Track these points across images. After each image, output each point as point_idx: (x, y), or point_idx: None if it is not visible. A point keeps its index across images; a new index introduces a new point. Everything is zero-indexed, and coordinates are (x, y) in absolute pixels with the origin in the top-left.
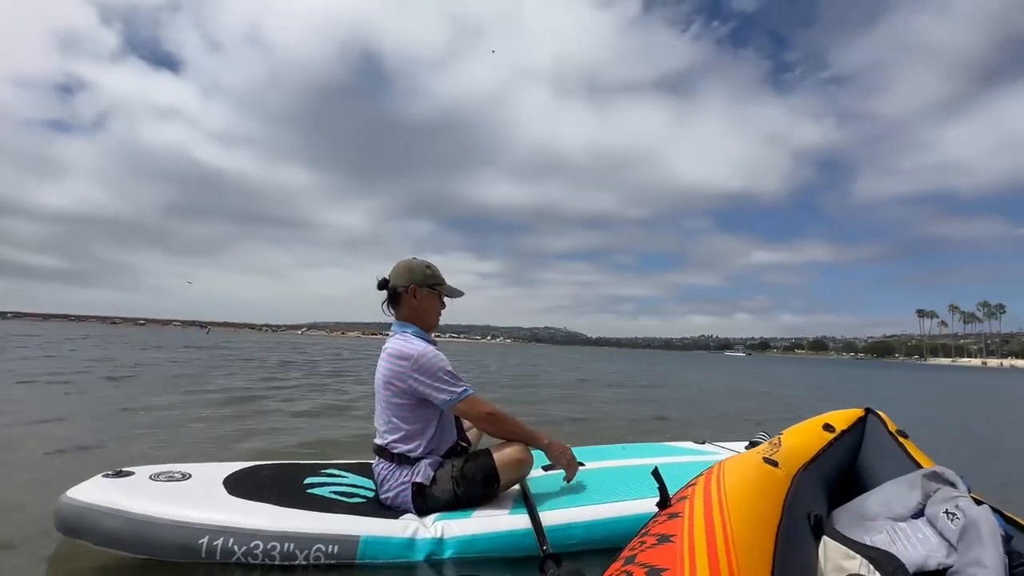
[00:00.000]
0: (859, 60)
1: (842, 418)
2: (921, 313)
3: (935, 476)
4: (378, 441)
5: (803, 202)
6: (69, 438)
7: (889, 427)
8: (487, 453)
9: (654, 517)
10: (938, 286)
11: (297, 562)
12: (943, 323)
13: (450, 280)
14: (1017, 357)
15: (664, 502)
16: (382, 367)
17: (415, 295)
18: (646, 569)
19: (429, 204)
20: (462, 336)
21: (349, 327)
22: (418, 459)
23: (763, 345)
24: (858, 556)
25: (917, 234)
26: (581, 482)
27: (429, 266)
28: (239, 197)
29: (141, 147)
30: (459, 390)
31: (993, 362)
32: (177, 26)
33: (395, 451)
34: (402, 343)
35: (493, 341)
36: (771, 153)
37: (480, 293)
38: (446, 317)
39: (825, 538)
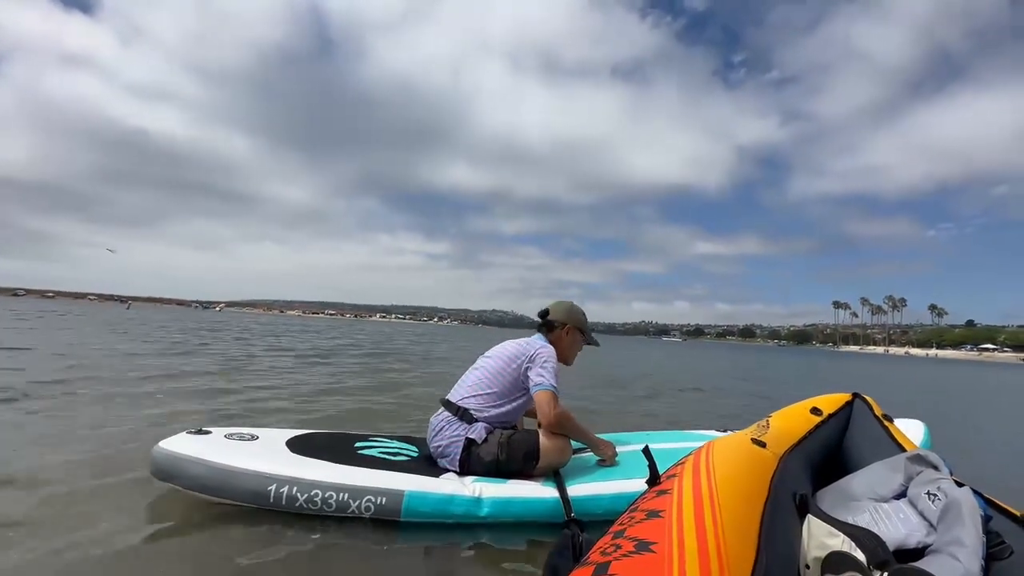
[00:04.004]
0: (802, 62)
1: (829, 402)
2: (837, 304)
3: (918, 459)
4: (450, 396)
5: (743, 196)
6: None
7: (875, 411)
8: (535, 433)
9: (643, 494)
10: (854, 280)
11: (350, 511)
12: (854, 314)
13: (398, 259)
14: (914, 346)
15: (654, 480)
16: (510, 345)
17: (568, 332)
18: (635, 542)
19: (378, 181)
20: (408, 317)
21: (288, 305)
22: (478, 420)
23: (697, 331)
24: (841, 534)
25: (839, 231)
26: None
27: (583, 313)
28: (167, 162)
29: (46, 97)
30: (550, 382)
31: (895, 350)
32: None
33: (463, 405)
34: (539, 340)
35: (441, 323)
36: (718, 147)
37: (428, 274)
38: (393, 298)
39: (810, 516)
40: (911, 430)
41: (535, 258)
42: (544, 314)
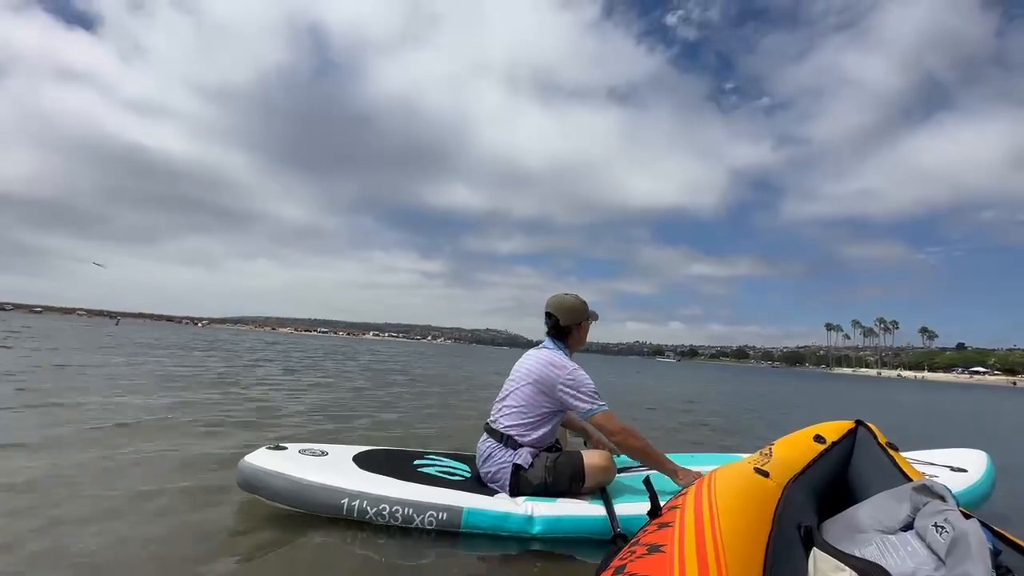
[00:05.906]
0: (793, 89)
1: (833, 429)
2: (829, 327)
3: (924, 489)
4: (492, 422)
5: (737, 219)
6: None
7: (879, 439)
8: (579, 454)
9: (644, 527)
10: (846, 302)
11: (414, 524)
12: (847, 336)
13: (392, 277)
14: (906, 368)
15: (655, 512)
16: (533, 367)
17: (580, 328)
18: None
19: (374, 199)
20: (401, 335)
21: (280, 322)
22: (522, 445)
23: (692, 352)
24: (847, 568)
25: (831, 254)
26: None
27: (584, 302)
28: (164, 178)
29: (45, 112)
30: (599, 404)
31: (887, 372)
32: None
33: (507, 433)
34: (557, 355)
35: (434, 342)
36: (712, 170)
37: (422, 292)
38: (386, 316)
39: (815, 549)
40: (972, 460)
41: (529, 277)
42: (555, 322)
